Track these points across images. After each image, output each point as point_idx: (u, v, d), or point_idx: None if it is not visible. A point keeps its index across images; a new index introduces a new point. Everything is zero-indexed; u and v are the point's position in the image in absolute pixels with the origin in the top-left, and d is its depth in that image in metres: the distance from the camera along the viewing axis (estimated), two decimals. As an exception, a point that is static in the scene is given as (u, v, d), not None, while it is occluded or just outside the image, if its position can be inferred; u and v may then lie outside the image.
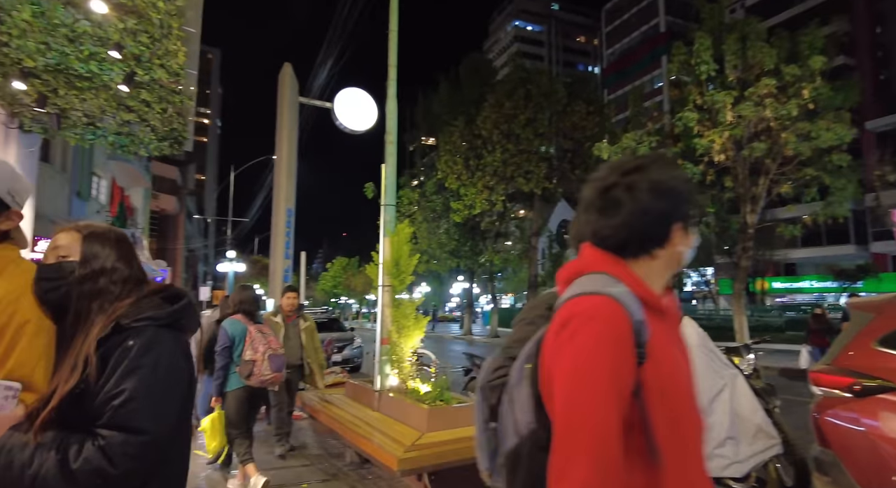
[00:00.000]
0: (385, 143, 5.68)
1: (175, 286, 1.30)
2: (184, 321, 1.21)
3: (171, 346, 1.14)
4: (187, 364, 1.20)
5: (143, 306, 1.16)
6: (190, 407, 1.24)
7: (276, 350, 4.17)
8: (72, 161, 14.14)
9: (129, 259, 1.26)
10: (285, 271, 10.34)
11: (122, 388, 1.03)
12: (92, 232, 1.22)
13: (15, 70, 5.33)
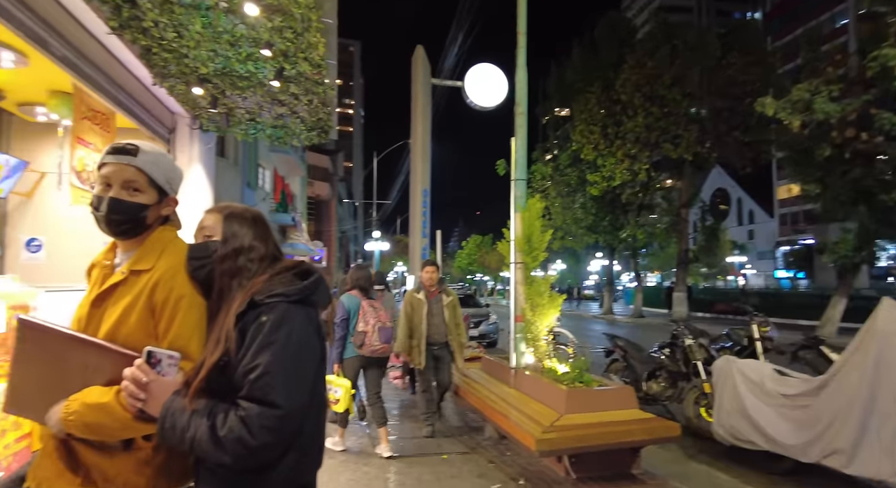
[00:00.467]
0: (514, 116, 5.49)
1: (306, 262, 1.32)
2: (314, 297, 1.23)
3: (303, 322, 1.16)
4: (318, 338, 1.22)
5: (276, 283, 1.19)
6: (323, 380, 1.27)
7: (385, 323, 4.53)
8: (242, 155, 16.20)
9: (264, 237, 1.31)
10: (423, 249, 10.75)
11: (256, 362, 1.07)
12: (231, 212, 1.30)
13: (193, 78, 6.12)
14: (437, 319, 5.25)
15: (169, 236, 1.36)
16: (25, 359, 1.23)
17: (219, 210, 1.33)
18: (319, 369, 1.22)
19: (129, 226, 1.31)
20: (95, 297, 1.28)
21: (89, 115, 5.35)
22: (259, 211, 1.38)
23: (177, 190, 1.42)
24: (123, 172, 1.29)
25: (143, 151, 1.32)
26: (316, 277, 1.25)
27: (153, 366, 1.12)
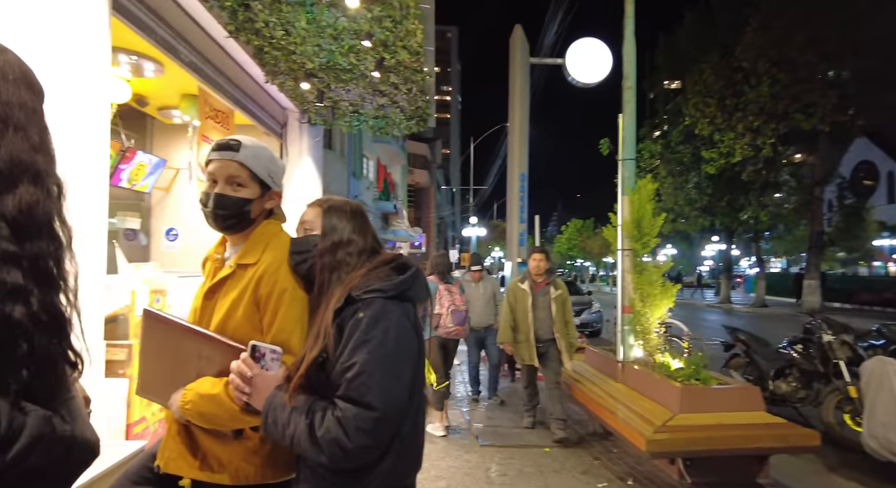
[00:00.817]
0: (622, 90, 5.10)
1: (404, 256, 1.27)
2: (411, 291, 1.18)
3: (399, 318, 1.12)
4: (416, 335, 1.17)
5: (373, 277, 1.16)
6: (422, 379, 1.21)
7: (459, 306, 5.06)
8: (347, 147, 16.99)
9: (363, 230, 1.28)
10: (520, 235, 10.54)
11: (353, 361, 1.04)
12: (331, 206, 1.28)
13: (301, 73, 6.44)
14: (542, 313, 4.81)
15: (273, 230, 1.38)
16: (150, 347, 1.32)
17: (319, 204, 1.32)
18: (418, 367, 1.17)
19: (234, 220, 1.34)
20: (207, 290, 1.34)
21: (212, 115, 5.85)
22: (358, 203, 1.35)
23: (279, 183, 1.44)
24: (227, 168, 1.33)
25: (244, 146, 1.34)
26: (413, 271, 1.20)
27: (257, 360, 1.14)
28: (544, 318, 4.81)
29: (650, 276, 4.59)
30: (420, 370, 1.19)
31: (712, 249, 33.86)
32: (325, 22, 5.15)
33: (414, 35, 5.36)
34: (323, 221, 1.26)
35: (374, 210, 20.36)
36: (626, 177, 4.97)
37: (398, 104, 7.68)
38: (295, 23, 5.14)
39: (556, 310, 4.81)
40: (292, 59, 6.05)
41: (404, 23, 5.18)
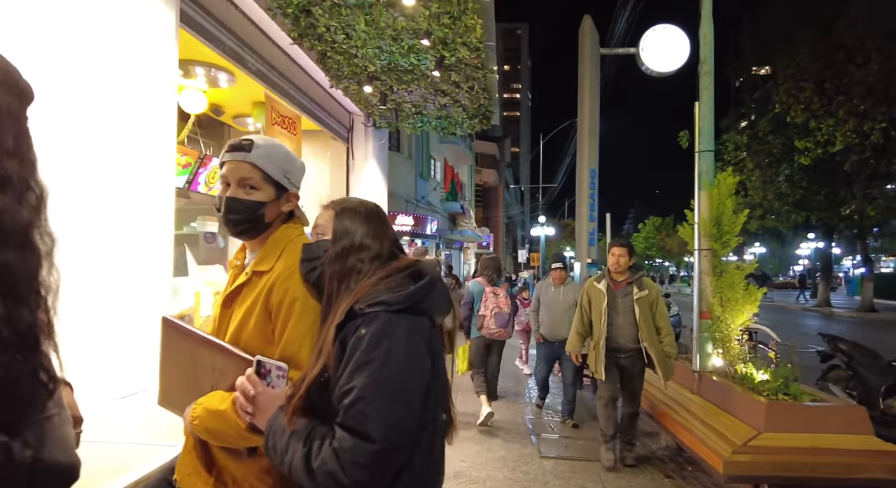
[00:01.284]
0: (699, 76, 4.69)
1: (423, 262, 1.14)
2: (425, 304, 1.04)
3: (408, 335, 0.98)
4: (431, 354, 1.03)
5: (381, 288, 1.04)
6: (440, 401, 1.08)
7: (502, 309, 5.07)
8: (415, 148, 17.17)
9: (380, 234, 1.16)
10: (590, 234, 10.10)
11: (351, 385, 0.93)
12: (343, 208, 1.18)
13: (364, 76, 6.53)
14: (623, 318, 4.01)
15: (291, 234, 1.31)
16: (168, 356, 1.29)
17: (332, 206, 1.21)
18: (432, 391, 1.03)
19: (248, 225, 1.28)
20: (225, 298, 1.29)
21: (279, 121, 6.06)
22: (375, 205, 1.24)
23: (297, 183, 1.37)
24: (239, 170, 1.26)
25: (256, 145, 1.27)
26: (427, 280, 1.06)
27: (263, 376, 1.07)
28: (625, 324, 4.01)
29: (731, 279, 4.18)
30: (437, 393, 1.05)
31: (807, 247, 30.94)
32: (384, 23, 5.16)
33: (473, 30, 5.25)
34: (335, 224, 1.16)
35: (441, 210, 20.45)
36: (703, 170, 4.57)
37: (460, 103, 7.60)
38: (355, 25, 5.18)
39: (640, 313, 3.97)
40: (354, 63, 6.14)
41: (463, 18, 5.07)
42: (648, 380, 4.74)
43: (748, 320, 4.22)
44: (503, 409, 5.39)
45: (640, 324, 3.96)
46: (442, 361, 1.11)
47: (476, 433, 4.58)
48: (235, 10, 4.74)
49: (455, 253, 24.18)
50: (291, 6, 4.71)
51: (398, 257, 1.17)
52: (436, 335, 1.07)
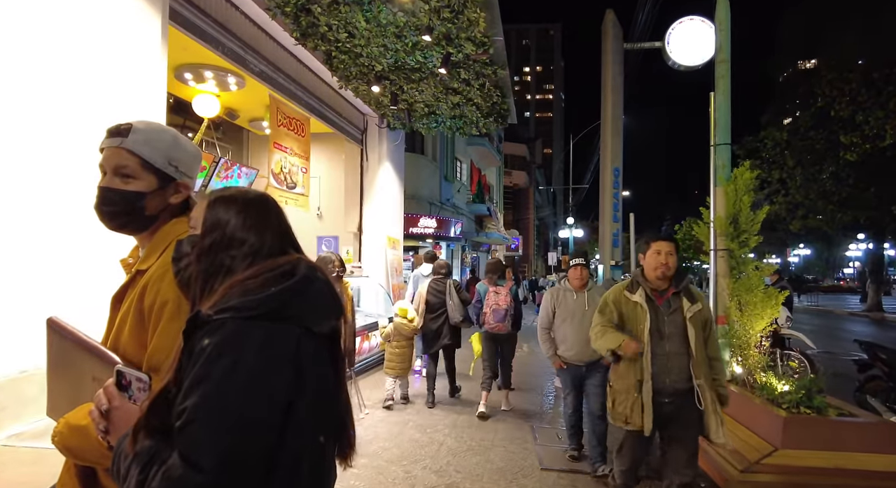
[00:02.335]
0: (714, 64, 4.40)
1: (303, 259, 0.98)
2: (291, 309, 0.88)
3: (260, 347, 0.82)
4: (296, 367, 0.86)
5: (237, 291, 0.88)
6: (321, 422, 0.92)
7: (500, 306, 5.33)
8: (439, 150, 17.07)
9: (261, 226, 0.99)
10: (614, 235, 9.77)
11: (185, 405, 0.78)
12: (219, 197, 1.02)
13: (372, 76, 6.46)
14: (671, 345, 2.70)
15: (179, 230, 1.18)
16: (54, 363, 1.18)
17: (206, 196, 1.05)
18: (298, 410, 0.86)
19: (125, 218, 1.17)
20: (113, 299, 1.18)
21: (285, 122, 6.05)
22: (262, 193, 1.07)
23: (190, 172, 1.24)
24: (114, 157, 1.15)
25: (134, 130, 1.15)
26: (296, 280, 0.90)
27: (124, 388, 0.94)
28: (675, 354, 2.70)
29: (749, 281, 3.87)
30: (313, 413, 0.89)
31: (858, 248, 29.27)
32: (385, 19, 5.07)
33: (477, 24, 5.10)
34: (205, 215, 0.99)
35: (467, 213, 20.28)
36: (719, 165, 4.27)
37: (473, 101, 7.44)
38: (356, 23, 5.11)
39: (695, 338, 2.70)
40: (360, 62, 6.07)
41: (465, 12, 4.93)
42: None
43: (769, 325, 3.91)
44: (512, 419, 5.19)
45: (694, 352, 2.68)
46: (329, 376, 0.96)
47: (479, 444, 4.40)
48: (235, 10, 4.73)
49: (482, 255, 23.94)
50: (290, 5, 4.68)
51: (285, 253, 1.02)
52: (311, 345, 0.90)
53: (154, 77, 3.35)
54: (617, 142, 10.26)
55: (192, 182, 1.27)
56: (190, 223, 1.03)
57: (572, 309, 3.98)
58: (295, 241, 1.07)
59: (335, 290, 1.01)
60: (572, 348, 3.91)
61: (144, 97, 3.27)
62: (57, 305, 2.66)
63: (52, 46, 2.68)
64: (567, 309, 4.00)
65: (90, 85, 2.90)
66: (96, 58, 2.92)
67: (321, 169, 8.95)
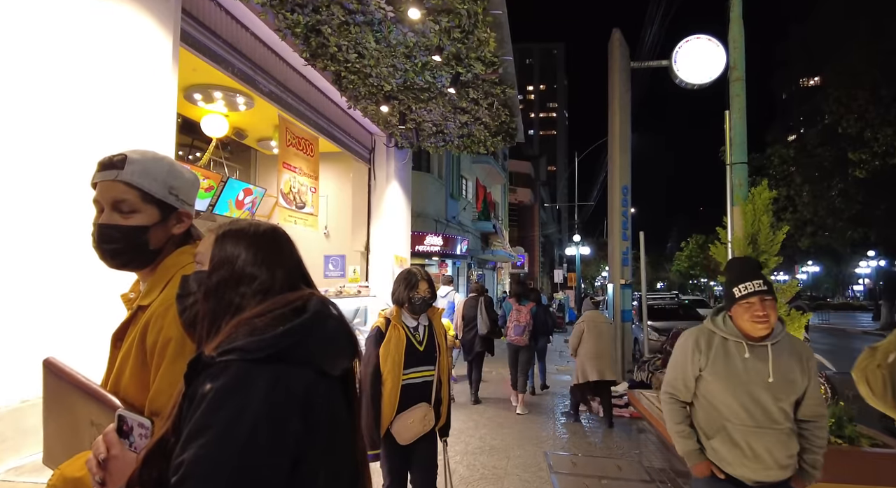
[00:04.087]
0: (729, 82, 4.36)
1: (316, 294, 0.90)
2: (301, 349, 0.79)
3: (266, 393, 0.73)
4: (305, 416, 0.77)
5: (243, 330, 0.80)
6: (335, 476, 0.83)
7: (520, 322, 6.31)
8: (445, 168, 17.10)
9: (272, 262, 0.92)
10: (623, 253, 9.64)
11: (182, 458, 0.70)
12: (227, 231, 0.94)
13: (381, 96, 6.46)
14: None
15: (182, 261, 1.11)
16: (50, 407, 1.10)
17: (215, 229, 0.98)
18: (311, 463, 0.78)
19: (128, 255, 1.09)
20: (113, 337, 1.10)
21: (294, 142, 6.04)
22: (272, 226, 1.00)
23: (190, 200, 1.17)
24: (111, 190, 1.07)
25: (130, 161, 1.08)
26: (308, 317, 0.82)
27: (125, 435, 0.86)
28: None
29: (770, 303, 3.75)
30: (326, 467, 0.80)
31: (868, 265, 28.95)
32: (396, 40, 5.07)
33: (487, 44, 5.08)
34: (213, 251, 0.91)
35: (472, 230, 20.23)
36: (736, 184, 4.19)
37: (481, 120, 7.42)
38: (366, 43, 5.11)
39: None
40: (370, 83, 6.07)
41: (475, 32, 4.92)
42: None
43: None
44: (525, 446, 5.04)
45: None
46: (342, 422, 0.87)
47: (491, 472, 4.26)
48: (245, 31, 4.74)
49: (488, 273, 23.82)
50: (300, 26, 4.68)
51: (297, 288, 0.94)
52: (322, 388, 0.82)
53: (164, 99, 3.32)
54: (625, 161, 10.21)
55: (193, 209, 1.20)
56: (196, 258, 0.96)
57: (742, 378, 1.97)
58: (307, 275, 0.99)
59: (349, 327, 0.92)
60: (753, 457, 1.92)
61: (154, 119, 3.24)
62: (57, 335, 2.59)
63: (62, 67, 2.66)
64: (731, 376, 1.99)
65: (100, 108, 2.87)
66: (107, 79, 2.90)
67: (329, 188, 8.93)
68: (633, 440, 5.27)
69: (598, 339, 5.86)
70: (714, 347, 2.01)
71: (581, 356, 5.85)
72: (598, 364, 5.68)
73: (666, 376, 2.20)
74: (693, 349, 2.05)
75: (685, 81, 9.76)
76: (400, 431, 2.42)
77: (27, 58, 2.51)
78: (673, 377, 2.14)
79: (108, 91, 2.88)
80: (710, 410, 2.02)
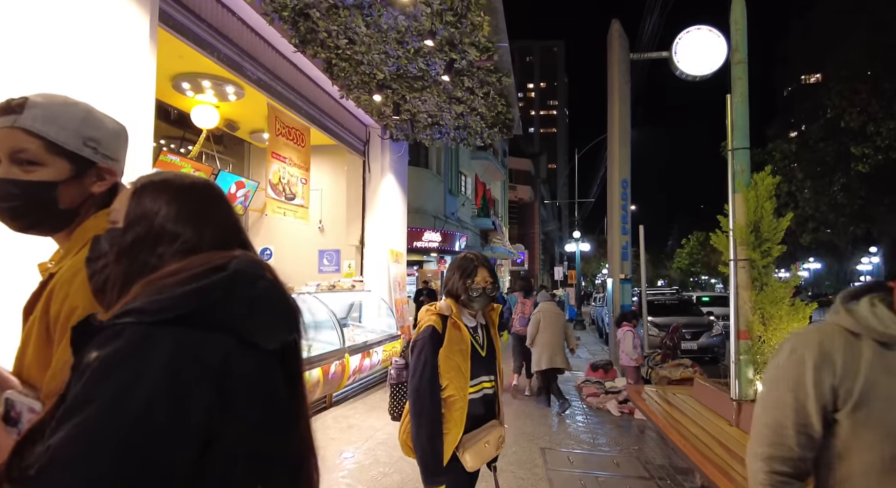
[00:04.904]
0: (731, 65, 4.20)
1: (249, 255, 0.76)
2: (219, 313, 0.66)
3: (168, 361, 0.60)
4: (222, 394, 0.63)
5: (152, 288, 0.67)
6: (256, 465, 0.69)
7: (524, 314, 6.77)
8: (443, 164, 16.95)
9: (201, 218, 0.78)
10: (623, 248, 9.51)
11: (49, 442, 0.56)
12: (147, 182, 0.79)
13: (374, 85, 6.31)
14: None
15: (104, 223, 0.97)
16: None
17: (136, 181, 0.83)
18: (227, 447, 0.63)
19: (33, 216, 0.93)
20: (23, 310, 0.95)
21: (283, 132, 5.89)
22: (204, 179, 0.85)
23: (113, 153, 1.02)
24: (7, 139, 0.90)
25: (31, 104, 0.92)
26: (225, 275, 0.68)
27: (13, 421, 0.72)
28: None
29: (774, 293, 3.61)
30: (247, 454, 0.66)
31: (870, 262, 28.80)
32: (387, 24, 4.92)
33: (480, 29, 4.94)
34: (129, 206, 0.77)
35: (472, 227, 20.08)
36: (738, 170, 4.04)
37: (477, 111, 7.27)
38: (356, 28, 4.97)
39: None
40: (362, 70, 5.93)
41: (468, 16, 4.78)
42: (681, 410, 4.20)
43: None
44: (520, 442, 4.91)
45: None
46: (278, 403, 0.73)
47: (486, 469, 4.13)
48: (231, 15, 4.60)
49: (488, 270, 23.66)
50: (287, 9, 4.54)
51: (228, 248, 0.79)
52: (250, 363, 0.68)
53: (141, 81, 3.18)
54: (624, 153, 10.09)
55: (120, 165, 1.04)
56: (110, 216, 0.81)
57: None
58: (245, 241, 0.84)
59: (288, 295, 0.78)
60: None
61: (130, 102, 3.10)
62: None
63: (26, 45, 2.51)
64: None
65: (65, 86, 2.72)
66: (74, 57, 2.75)
67: (324, 182, 8.78)
68: (631, 436, 5.14)
69: (552, 330, 6.29)
70: (863, 360, 1.01)
71: (538, 345, 6.27)
72: (550, 352, 6.17)
73: (755, 428, 1.15)
74: (817, 365, 1.04)
75: (685, 73, 9.65)
76: (472, 456, 1.91)
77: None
78: (773, 424, 1.08)
79: (75, 70, 2.74)
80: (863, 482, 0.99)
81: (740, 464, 3.08)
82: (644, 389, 5.52)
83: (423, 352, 1.87)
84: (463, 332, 1.94)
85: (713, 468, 3.26)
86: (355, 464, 4.11)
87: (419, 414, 1.83)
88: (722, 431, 3.57)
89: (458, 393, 1.88)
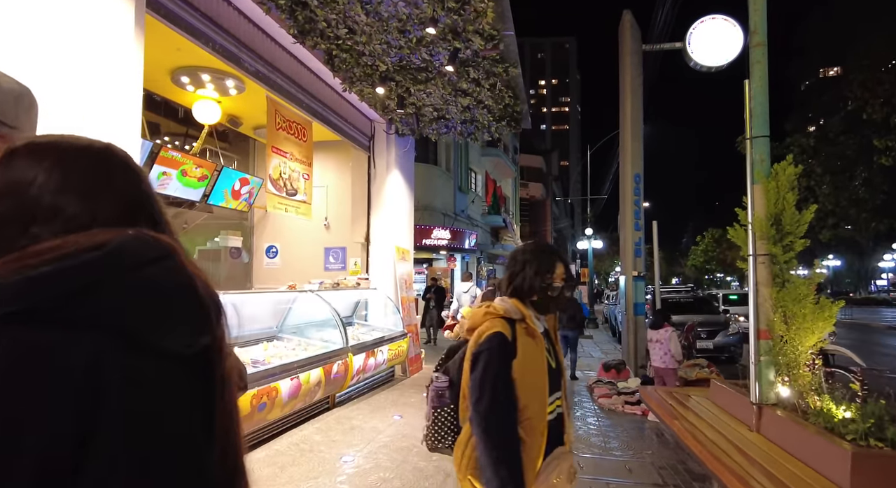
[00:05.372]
0: (749, 49, 3.96)
1: (145, 233, 0.59)
2: (86, 304, 0.51)
3: (10, 367, 0.46)
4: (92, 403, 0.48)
5: (8, 269, 0.50)
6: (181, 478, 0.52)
7: None
8: (453, 161, 16.77)
9: (93, 190, 0.62)
10: (636, 244, 9.26)
11: None
12: (24, 145, 0.63)
13: (376, 77, 6.15)
14: None
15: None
16: None
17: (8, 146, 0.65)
18: (94, 483, 0.48)
19: None
20: None
21: (284, 126, 5.75)
22: (106, 143, 0.68)
23: (7, 117, 0.86)
24: None
25: None
26: (95, 256, 0.53)
27: None
28: None
29: (796, 291, 3.38)
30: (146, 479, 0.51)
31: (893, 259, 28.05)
32: (387, 12, 4.75)
33: (484, 15, 4.74)
34: (1, 173, 0.61)
35: (482, 224, 19.88)
36: (757, 159, 3.81)
37: (484, 104, 7.08)
38: (356, 17, 4.81)
39: None
40: (364, 62, 5.76)
41: (471, 2, 4.60)
42: (698, 413, 3.98)
43: (822, 341, 3.40)
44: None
45: None
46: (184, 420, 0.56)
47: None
48: (227, 5, 4.46)
49: (498, 268, 23.46)
50: (284, -2, 4.39)
51: (127, 225, 0.62)
52: (140, 367, 0.52)
53: (127, 69, 3.05)
54: (637, 147, 9.81)
55: (21, 134, 0.89)
56: None
57: None
58: (159, 221, 0.67)
59: (198, 287, 0.61)
60: None
61: (116, 91, 2.97)
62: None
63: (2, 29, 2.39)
64: None
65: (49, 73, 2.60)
66: (58, 43, 2.63)
67: (329, 178, 8.66)
68: (645, 440, 4.92)
69: None
70: None
71: None
72: None
73: None
74: None
75: (700, 64, 9.35)
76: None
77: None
78: None
79: (55, 55, 2.61)
80: None
81: (761, 473, 2.87)
82: (658, 390, 5.30)
83: (492, 366, 1.49)
84: (538, 340, 1.58)
85: (732, 477, 3.04)
86: (355, 469, 3.96)
87: (495, 447, 1.44)
88: (741, 437, 3.36)
89: (536, 417, 1.53)
